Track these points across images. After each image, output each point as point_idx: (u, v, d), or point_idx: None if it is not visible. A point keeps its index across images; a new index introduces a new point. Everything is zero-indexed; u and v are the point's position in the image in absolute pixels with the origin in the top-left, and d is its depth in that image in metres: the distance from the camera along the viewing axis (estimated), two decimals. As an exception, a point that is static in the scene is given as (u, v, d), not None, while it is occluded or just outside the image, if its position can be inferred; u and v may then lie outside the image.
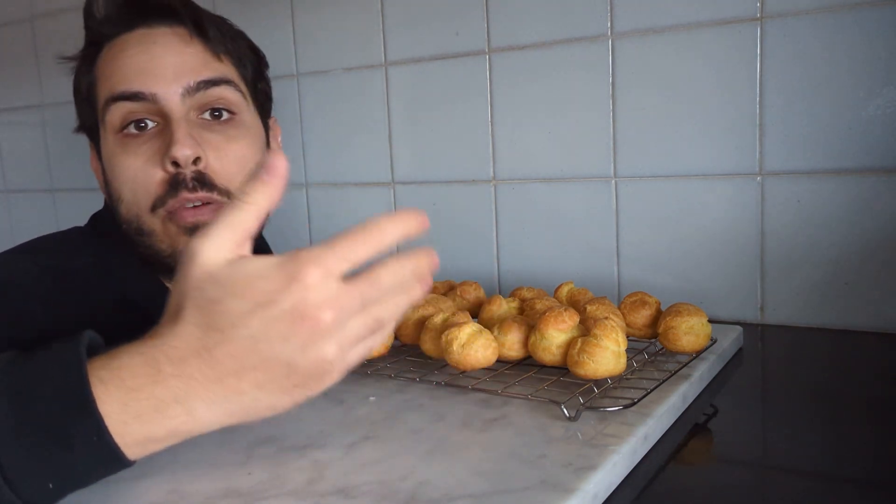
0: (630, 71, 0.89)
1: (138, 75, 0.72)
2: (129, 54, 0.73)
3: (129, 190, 0.73)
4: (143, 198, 0.72)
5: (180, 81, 0.72)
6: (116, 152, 0.73)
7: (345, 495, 0.45)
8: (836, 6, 0.78)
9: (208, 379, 0.43)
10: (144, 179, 0.72)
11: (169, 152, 0.70)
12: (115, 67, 0.73)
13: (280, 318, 0.42)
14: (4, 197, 1.62)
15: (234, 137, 0.75)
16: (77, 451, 0.42)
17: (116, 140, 0.73)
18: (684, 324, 0.64)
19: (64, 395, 0.42)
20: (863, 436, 0.56)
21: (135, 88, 0.71)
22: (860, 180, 0.79)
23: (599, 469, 0.46)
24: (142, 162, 0.72)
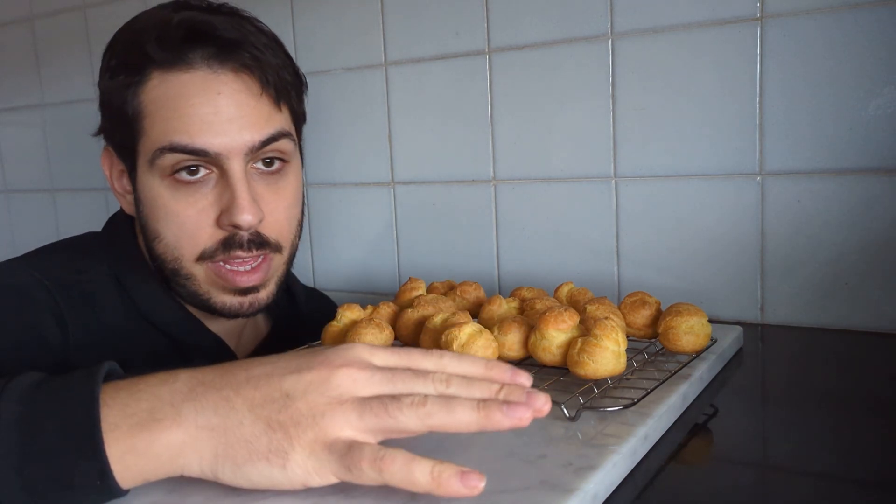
0: (630, 71, 0.89)
1: (202, 131, 0.68)
2: (192, 103, 0.68)
3: (172, 234, 0.71)
4: (190, 247, 0.71)
5: (244, 140, 0.69)
6: (163, 195, 0.70)
7: (345, 495, 0.45)
8: (836, 6, 0.78)
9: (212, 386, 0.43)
10: (194, 231, 0.70)
11: (231, 216, 0.69)
12: (174, 114, 0.68)
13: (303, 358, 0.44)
14: (4, 197, 1.62)
15: (284, 188, 0.74)
16: (78, 490, 0.41)
17: (164, 183, 0.70)
18: (684, 324, 0.64)
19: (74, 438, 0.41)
20: (863, 436, 0.56)
21: (198, 145, 0.68)
22: (860, 180, 0.79)
23: (599, 469, 0.46)
24: (194, 213, 0.70)
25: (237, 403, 0.42)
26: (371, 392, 0.43)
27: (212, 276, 0.72)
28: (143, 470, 0.42)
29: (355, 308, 0.72)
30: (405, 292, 0.77)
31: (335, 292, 1.16)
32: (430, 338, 0.66)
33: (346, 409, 0.42)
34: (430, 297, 0.72)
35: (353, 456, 0.41)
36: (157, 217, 0.72)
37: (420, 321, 0.69)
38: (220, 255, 0.71)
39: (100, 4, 1.35)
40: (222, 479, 0.42)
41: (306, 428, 0.41)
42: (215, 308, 0.74)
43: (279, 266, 0.76)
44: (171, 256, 0.72)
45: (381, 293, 1.13)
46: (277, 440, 0.41)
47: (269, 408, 0.42)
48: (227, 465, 0.42)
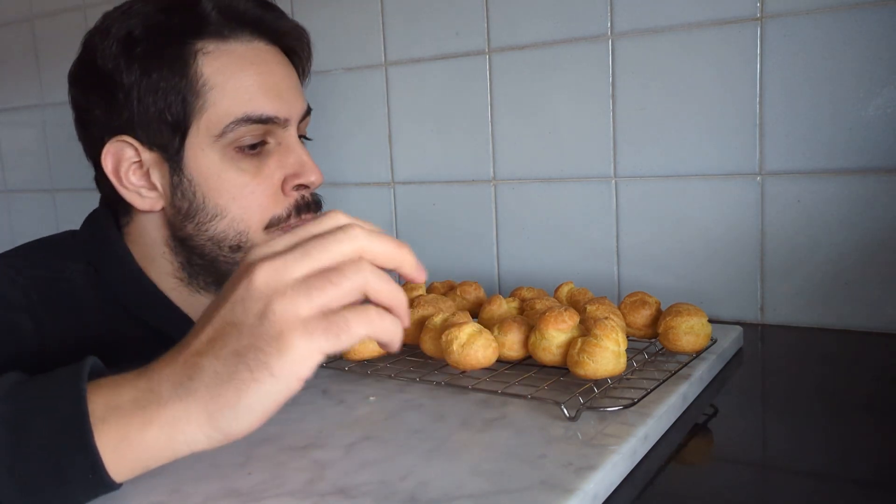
0: (630, 71, 0.89)
1: (273, 98, 0.71)
2: (258, 71, 0.71)
3: (240, 206, 0.72)
4: (259, 215, 0.72)
5: (299, 107, 0.75)
6: (227, 168, 0.71)
7: (345, 495, 0.45)
8: (836, 6, 0.78)
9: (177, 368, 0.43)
10: (263, 199, 0.72)
11: (302, 176, 0.73)
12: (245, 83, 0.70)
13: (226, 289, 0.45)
14: (4, 197, 1.62)
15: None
16: (71, 485, 0.42)
17: (229, 155, 0.71)
18: (684, 324, 0.64)
19: (63, 433, 0.42)
20: (863, 436, 0.56)
21: (270, 113, 0.71)
22: (860, 180, 0.79)
23: (599, 469, 0.46)
24: (262, 180, 0.72)
25: (202, 360, 0.43)
26: (296, 271, 0.43)
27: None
28: (140, 458, 0.42)
29: (355, 308, 0.72)
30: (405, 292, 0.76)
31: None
32: (430, 338, 0.66)
33: (291, 295, 0.42)
34: (430, 297, 0.72)
35: (338, 322, 0.42)
36: (220, 192, 0.72)
37: (420, 321, 0.69)
38: (293, 219, 0.74)
39: (100, 4, 1.35)
40: (229, 430, 0.42)
41: (267, 331, 0.41)
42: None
43: None
44: (235, 231, 0.72)
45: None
46: (253, 359, 0.41)
47: (229, 344, 0.42)
48: (225, 413, 0.42)
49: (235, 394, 0.41)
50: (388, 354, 0.69)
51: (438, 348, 0.64)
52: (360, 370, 0.68)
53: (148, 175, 0.72)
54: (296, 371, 0.41)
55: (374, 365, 0.68)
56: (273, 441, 0.54)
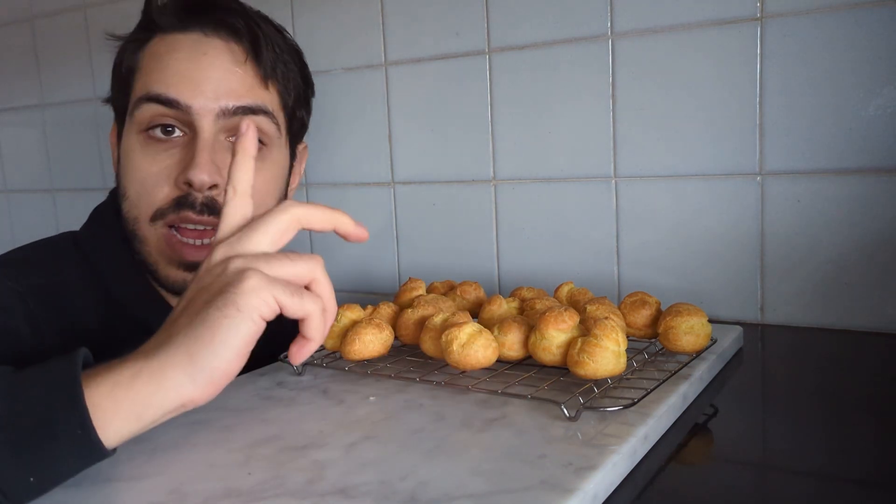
0: (630, 71, 0.89)
1: (179, 83, 0.70)
2: (177, 57, 0.71)
3: (134, 192, 0.72)
4: (146, 205, 0.72)
5: (219, 101, 0.71)
6: (135, 150, 0.72)
7: (345, 495, 0.45)
8: (836, 6, 0.78)
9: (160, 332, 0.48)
10: (153, 188, 0.71)
11: (186, 173, 0.69)
12: (158, 65, 0.72)
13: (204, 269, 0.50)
14: (4, 197, 1.62)
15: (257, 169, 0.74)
16: (59, 442, 0.42)
17: (138, 138, 0.72)
18: (684, 324, 0.64)
19: (54, 393, 0.43)
20: (863, 436, 0.56)
21: (171, 95, 0.70)
22: (860, 180, 0.79)
23: (599, 469, 0.46)
24: (156, 170, 0.71)
25: (179, 320, 0.47)
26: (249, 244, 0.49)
27: (162, 244, 0.72)
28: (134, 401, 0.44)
29: (355, 308, 0.72)
30: (405, 292, 0.77)
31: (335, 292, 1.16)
32: (430, 338, 0.66)
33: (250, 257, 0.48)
34: (430, 297, 0.72)
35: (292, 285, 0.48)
36: (126, 173, 0.73)
37: (420, 321, 0.69)
38: (171, 214, 0.71)
39: (100, 4, 1.35)
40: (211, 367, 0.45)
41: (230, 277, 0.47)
42: (165, 282, 0.74)
43: None
44: (131, 216, 0.73)
45: (381, 293, 1.13)
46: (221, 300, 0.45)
47: (199, 301, 0.47)
48: (203, 352, 0.45)
49: (210, 332, 0.45)
50: (388, 354, 0.69)
51: (438, 348, 0.64)
52: (360, 370, 0.68)
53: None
54: (257, 306, 0.45)
55: (374, 365, 0.68)
56: (273, 441, 0.54)
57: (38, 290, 0.70)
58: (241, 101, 0.72)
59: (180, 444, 0.54)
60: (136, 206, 0.72)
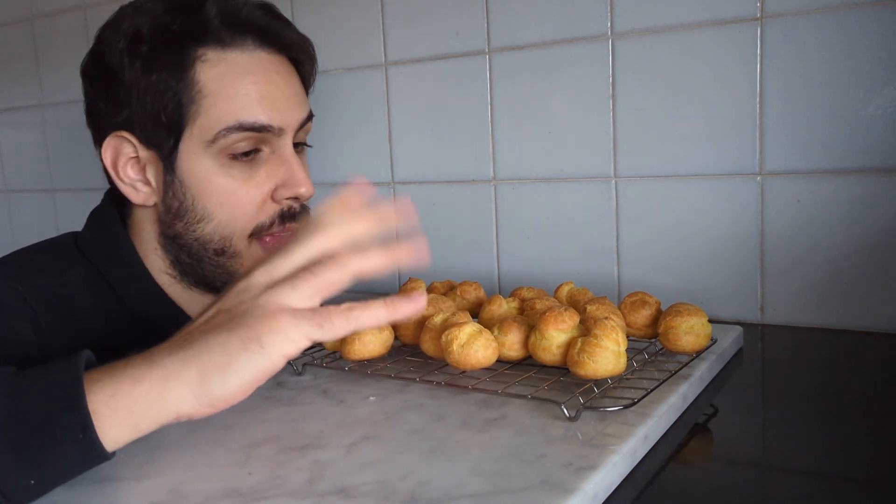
0: (630, 71, 0.89)
1: (267, 107, 0.71)
2: (255, 80, 0.71)
3: (227, 213, 0.72)
4: (243, 222, 0.73)
5: (297, 117, 0.74)
6: (217, 174, 0.72)
7: (345, 495, 0.45)
8: (836, 6, 0.78)
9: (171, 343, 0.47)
10: (249, 207, 0.72)
11: (292, 188, 0.73)
12: (240, 91, 0.71)
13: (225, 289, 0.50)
14: (4, 197, 1.62)
15: (307, 168, 0.78)
16: (61, 446, 0.42)
17: (220, 161, 0.71)
18: (684, 324, 0.64)
19: (57, 395, 0.43)
20: (862, 436, 0.56)
21: (264, 121, 0.71)
22: (860, 180, 0.79)
23: (599, 469, 0.46)
24: (251, 188, 0.72)
25: (196, 335, 0.47)
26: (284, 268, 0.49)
27: (257, 253, 0.74)
28: (132, 411, 0.44)
29: (355, 308, 0.72)
30: (405, 292, 0.77)
31: (335, 292, 1.16)
32: (430, 338, 0.66)
33: (280, 287, 0.48)
34: (430, 297, 0.72)
35: (319, 315, 0.46)
36: (208, 197, 0.72)
37: (420, 321, 0.69)
38: (276, 227, 0.74)
39: (100, 4, 1.35)
40: (215, 394, 0.45)
41: (261, 313, 0.46)
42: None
43: None
44: (220, 236, 0.73)
45: (381, 293, 1.12)
46: (245, 332, 0.45)
47: (223, 324, 0.47)
48: (214, 377, 0.45)
49: (226, 359, 0.45)
50: (388, 354, 0.69)
51: (438, 348, 0.64)
52: (360, 370, 0.68)
53: (144, 170, 0.74)
54: (283, 348, 0.45)
55: (374, 365, 0.68)
56: (273, 441, 0.54)
57: (41, 291, 0.70)
58: (305, 111, 0.76)
59: (180, 444, 0.54)
60: (228, 226, 0.73)
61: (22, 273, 0.71)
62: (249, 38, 0.73)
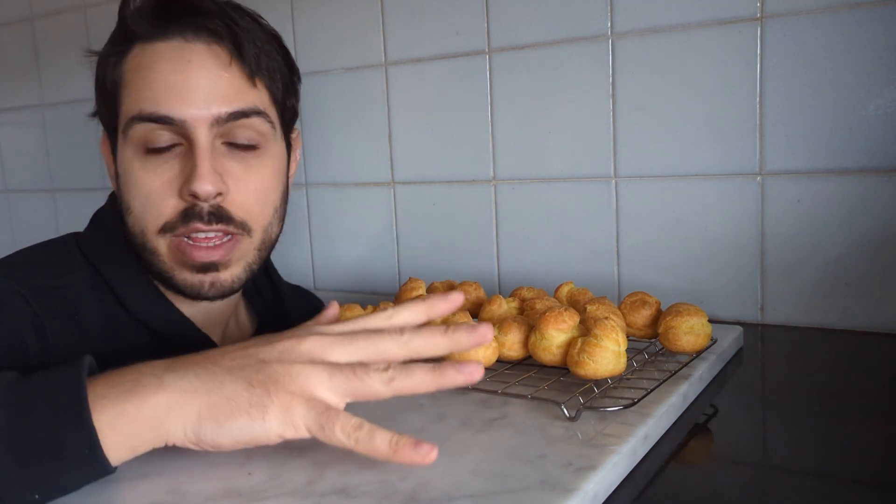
0: (630, 71, 0.89)
1: (169, 97, 0.69)
2: (162, 69, 0.69)
3: (139, 206, 0.71)
4: (153, 218, 0.71)
5: (211, 110, 0.69)
6: (134, 165, 0.71)
7: (345, 495, 0.45)
8: (836, 6, 0.78)
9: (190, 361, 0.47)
10: (158, 201, 0.70)
11: (190, 184, 0.68)
12: (144, 80, 0.70)
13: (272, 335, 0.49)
14: (4, 197, 1.62)
15: (257, 168, 0.73)
16: (67, 462, 0.42)
17: (135, 154, 0.71)
18: (684, 324, 0.64)
19: (61, 411, 0.43)
20: (863, 436, 0.56)
21: (163, 112, 0.68)
22: (860, 180, 0.79)
23: (599, 469, 0.46)
24: (159, 183, 0.70)
25: (216, 370, 0.46)
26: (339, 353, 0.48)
27: (174, 250, 0.71)
28: (132, 436, 0.44)
29: (355, 308, 0.72)
30: (405, 292, 0.76)
31: (335, 292, 1.16)
32: (430, 338, 0.66)
33: (319, 370, 0.46)
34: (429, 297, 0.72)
35: (328, 416, 0.45)
36: (128, 188, 0.72)
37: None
38: (181, 226, 0.70)
39: (100, 4, 1.35)
40: (204, 439, 0.45)
41: (284, 384, 0.45)
42: (178, 286, 0.73)
43: (248, 250, 0.74)
44: (138, 230, 0.72)
45: (381, 293, 1.13)
46: (258, 395, 0.45)
47: (246, 370, 0.46)
48: (209, 424, 0.44)
49: (226, 414, 0.44)
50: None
51: (438, 348, 0.64)
52: (360, 370, 0.68)
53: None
54: (281, 429, 0.45)
55: (374, 365, 0.68)
56: (273, 441, 0.54)
57: (44, 294, 0.70)
58: (233, 105, 0.71)
59: (180, 444, 0.54)
60: (142, 220, 0.71)
61: (25, 275, 0.71)
62: (172, 27, 0.70)
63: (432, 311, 0.54)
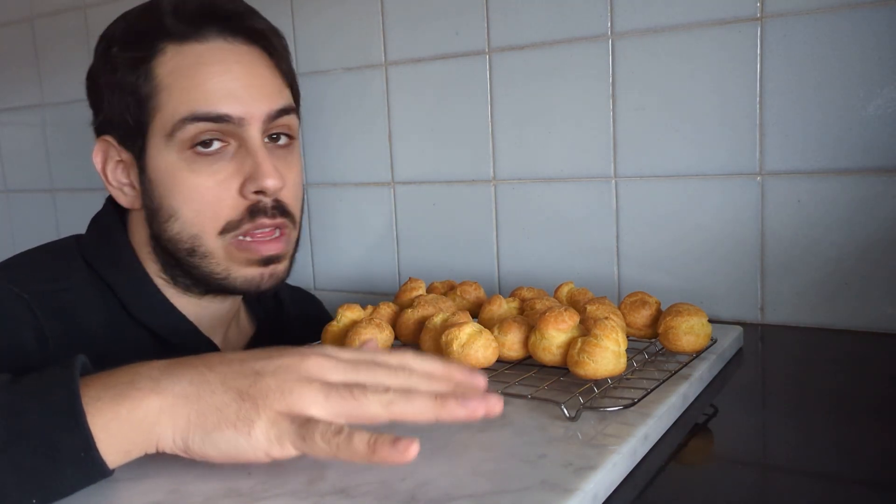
0: (630, 71, 0.89)
1: (225, 97, 0.69)
2: (213, 71, 0.70)
3: (191, 209, 0.71)
4: (212, 220, 0.71)
5: (263, 108, 0.71)
6: (181, 169, 0.70)
7: (345, 495, 0.45)
8: (836, 6, 0.78)
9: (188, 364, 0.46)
10: (217, 203, 0.70)
11: (258, 181, 0.70)
12: (193, 82, 0.69)
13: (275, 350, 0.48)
14: (4, 197, 1.62)
15: (294, 164, 0.76)
16: (63, 465, 0.42)
17: (183, 156, 0.70)
18: (684, 324, 0.64)
19: (56, 414, 0.42)
20: (863, 436, 0.56)
21: (222, 111, 0.69)
22: (860, 180, 0.79)
23: (599, 469, 0.46)
24: (215, 183, 0.70)
25: (210, 377, 0.45)
26: (338, 378, 0.47)
27: (232, 250, 0.72)
28: (126, 438, 0.44)
29: (355, 308, 0.72)
30: (405, 292, 0.77)
31: (335, 292, 1.16)
32: (430, 338, 0.66)
33: (314, 389, 0.45)
34: (430, 297, 0.72)
35: (308, 428, 0.43)
36: (173, 194, 0.71)
37: (420, 321, 0.69)
38: (247, 224, 0.71)
39: (100, 4, 1.35)
40: (192, 447, 0.44)
41: (274, 401, 0.44)
42: (235, 284, 0.73)
43: (293, 241, 0.77)
44: (188, 234, 0.71)
45: (381, 293, 1.13)
46: (246, 409, 0.44)
47: (240, 381, 0.45)
48: (197, 432, 0.44)
49: (214, 424, 0.44)
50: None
51: (438, 348, 0.64)
52: (360, 370, 0.68)
53: (129, 173, 0.75)
54: (268, 447, 0.44)
55: (374, 365, 0.68)
56: (273, 441, 0.54)
57: (43, 296, 0.70)
58: (278, 103, 0.73)
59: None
60: (196, 224, 0.71)
61: (26, 278, 0.71)
62: (210, 29, 0.71)
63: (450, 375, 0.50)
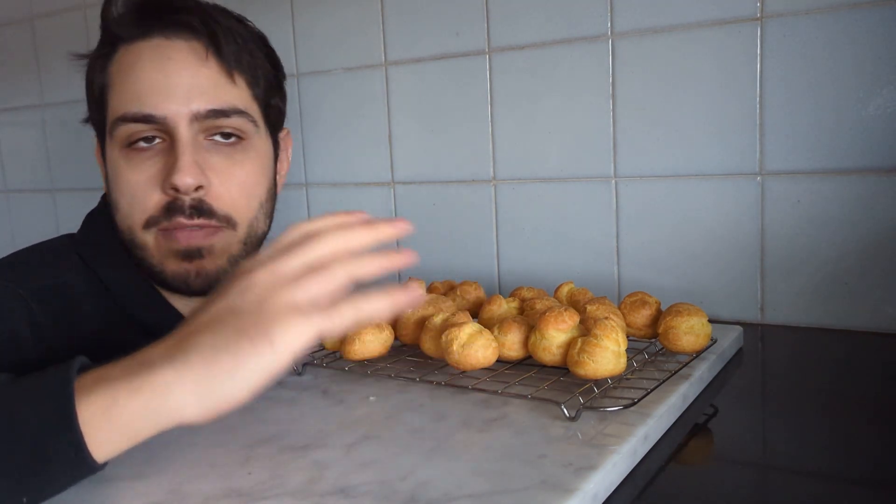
0: (630, 71, 0.89)
1: (150, 95, 0.70)
2: (144, 68, 0.71)
3: (126, 203, 0.73)
4: (139, 214, 0.72)
5: (190, 106, 0.71)
6: (120, 164, 0.73)
7: (345, 495, 0.45)
8: (836, 5, 0.78)
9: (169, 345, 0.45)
10: (142, 197, 0.71)
11: (171, 177, 0.69)
12: (127, 81, 0.72)
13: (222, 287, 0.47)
14: (4, 197, 1.62)
15: (240, 162, 0.74)
16: (53, 465, 0.42)
17: (121, 153, 0.73)
18: (684, 324, 0.64)
19: (47, 413, 0.42)
20: (863, 436, 0.56)
21: (146, 111, 0.70)
22: (860, 180, 0.79)
23: (599, 469, 0.46)
24: (143, 179, 0.71)
25: (199, 336, 0.44)
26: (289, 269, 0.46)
27: (160, 241, 0.72)
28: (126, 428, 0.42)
29: (355, 308, 0.72)
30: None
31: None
32: (430, 338, 0.66)
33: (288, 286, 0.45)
34: (430, 297, 0.72)
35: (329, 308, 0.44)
36: (115, 187, 0.74)
37: (420, 321, 0.69)
38: (164, 220, 0.71)
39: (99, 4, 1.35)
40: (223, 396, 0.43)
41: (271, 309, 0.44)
42: (166, 279, 0.74)
43: (232, 243, 0.74)
44: (126, 226, 0.73)
45: (381, 293, 1.13)
46: (255, 330, 0.43)
47: (228, 324, 0.44)
48: (222, 378, 0.42)
49: (233, 360, 0.43)
50: (388, 354, 0.69)
51: (438, 348, 0.64)
52: (360, 370, 0.68)
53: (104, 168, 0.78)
54: (292, 344, 0.43)
55: (374, 365, 0.68)
56: (273, 441, 0.54)
57: (40, 293, 0.70)
58: (212, 103, 0.72)
59: (180, 444, 0.54)
60: (129, 216, 0.73)
61: (22, 275, 0.72)
62: (154, 26, 0.72)
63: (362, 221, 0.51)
